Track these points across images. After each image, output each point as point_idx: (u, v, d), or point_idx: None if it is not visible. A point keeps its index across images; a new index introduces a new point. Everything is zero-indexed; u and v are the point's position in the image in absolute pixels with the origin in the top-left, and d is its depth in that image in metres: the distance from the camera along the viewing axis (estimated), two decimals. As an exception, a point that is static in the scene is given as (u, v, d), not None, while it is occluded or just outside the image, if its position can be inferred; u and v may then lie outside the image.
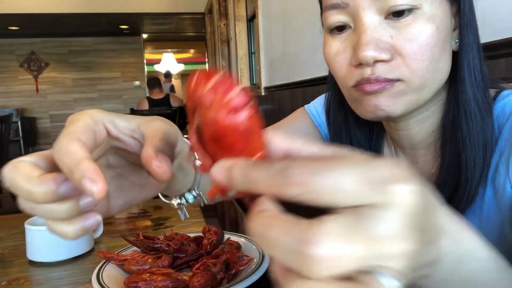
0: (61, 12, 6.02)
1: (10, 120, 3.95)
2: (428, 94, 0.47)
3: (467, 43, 0.47)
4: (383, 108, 0.46)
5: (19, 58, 7.83)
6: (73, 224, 0.28)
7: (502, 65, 0.83)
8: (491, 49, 0.83)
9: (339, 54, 0.48)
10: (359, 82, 0.46)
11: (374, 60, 0.44)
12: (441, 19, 0.45)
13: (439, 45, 0.45)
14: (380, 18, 0.44)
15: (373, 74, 0.45)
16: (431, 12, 0.44)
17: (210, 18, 6.19)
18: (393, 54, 0.44)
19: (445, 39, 0.45)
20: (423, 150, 0.55)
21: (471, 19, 0.47)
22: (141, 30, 8.09)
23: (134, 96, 8.27)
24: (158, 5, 6.30)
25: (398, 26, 0.44)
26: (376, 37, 0.44)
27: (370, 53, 0.44)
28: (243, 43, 4.26)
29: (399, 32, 0.44)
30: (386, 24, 0.44)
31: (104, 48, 8.20)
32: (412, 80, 0.45)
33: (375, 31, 0.44)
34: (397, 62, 0.44)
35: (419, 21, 0.43)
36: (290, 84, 2.37)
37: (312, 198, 0.19)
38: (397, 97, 0.46)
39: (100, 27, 7.34)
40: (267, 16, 2.88)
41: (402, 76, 0.45)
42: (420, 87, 0.46)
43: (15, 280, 0.67)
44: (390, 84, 0.45)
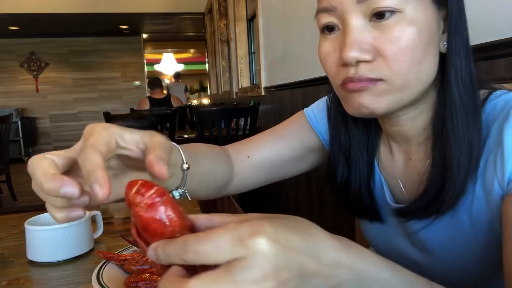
0: (61, 12, 6.03)
1: (10, 120, 3.95)
2: (412, 94, 0.49)
3: (454, 46, 0.49)
4: (366, 106, 0.49)
5: (19, 58, 7.83)
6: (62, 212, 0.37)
7: (502, 65, 0.83)
8: (491, 49, 0.83)
9: (329, 54, 0.51)
10: (345, 81, 0.49)
11: (357, 60, 0.47)
12: (423, 23, 0.47)
13: (420, 48, 0.47)
14: (365, 21, 0.47)
15: (356, 74, 0.48)
16: (413, 15, 0.46)
17: (210, 18, 6.19)
18: (375, 55, 0.47)
19: (428, 41, 0.47)
20: (416, 147, 0.57)
21: (459, 23, 0.49)
22: (141, 30, 8.10)
23: (134, 96, 8.28)
24: (158, 5, 6.30)
25: (381, 28, 0.46)
26: (360, 38, 0.47)
27: (353, 54, 0.46)
28: (243, 43, 4.26)
29: (382, 34, 0.46)
30: (370, 27, 0.47)
31: (104, 48, 8.20)
32: (393, 80, 0.47)
33: (359, 33, 0.47)
34: (379, 62, 0.47)
35: (400, 24, 0.46)
36: (290, 84, 2.37)
37: (203, 260, 0.27)
38: (379, 95, 0.48)
39: (100, 27, 7.35)
40: (267, 16, 2.88)
41: (384, 76, 0.47)
42: (402, 87, 0.48)
43: (15, 280, 0.67)
44: (372, 83, 0.48)
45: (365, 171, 0.61)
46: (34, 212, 0.86)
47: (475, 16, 0.93)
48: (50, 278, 0.69)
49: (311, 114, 0.71)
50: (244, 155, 0.69)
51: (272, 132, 0.72)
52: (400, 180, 0.60)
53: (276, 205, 2.94)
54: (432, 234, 0.55)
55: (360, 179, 0.61)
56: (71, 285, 0.65)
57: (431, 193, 0.51)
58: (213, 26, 5.84)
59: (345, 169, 0.62)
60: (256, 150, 0.70)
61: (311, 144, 0.71)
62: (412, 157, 0.58)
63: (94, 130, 0.38)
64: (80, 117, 8.20)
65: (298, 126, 0.72)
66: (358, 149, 0.61)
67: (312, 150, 0.71)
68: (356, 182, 0.61)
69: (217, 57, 5.91)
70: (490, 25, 0.85)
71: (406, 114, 0.54)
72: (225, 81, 5.44)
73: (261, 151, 0.69)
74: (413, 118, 0.54)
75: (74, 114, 8.21)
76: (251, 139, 0.72)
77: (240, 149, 0.70)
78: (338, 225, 1.81)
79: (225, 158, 0.67)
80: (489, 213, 0.49)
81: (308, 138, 0.70)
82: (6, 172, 4.02)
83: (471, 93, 0.49)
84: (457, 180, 0.49)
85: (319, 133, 0.70)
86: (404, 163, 0.59)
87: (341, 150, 0.62)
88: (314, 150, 0.71)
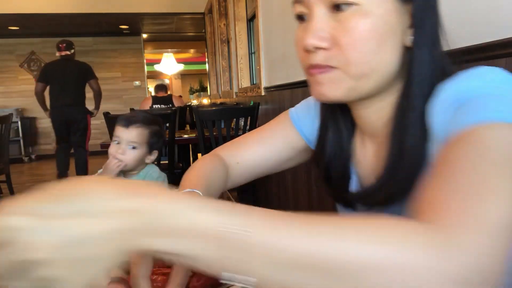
0: (61, 12, 6.03)
1: (10, 120, 3.95)
2: (369, 84, 0.52)
3: (417, 41, 0.51)
4: (323, 93, 0.53)
5: (19, 58, 7.83)
6: None
7: (502, 65, 0.83)
8: (491, 49, 0.83)
9: (299, 40, 0.54)
10: (308, 67, 0.53)
11: (314, 47, 0.51)
12: (380, 16, 0.49)
13: (375, 39, 0.49)
14: (327, 12, 0.51)
15: (315, 61, 0.51)
16: (369, 8, 0.48)
17: (210, 18, 6.20)
18: (332, 44, 0.50)
19: (385, 34, 0.49)
20: (383, 138, 0.58)
21: (425, 19, 0.51)
22: (141, 30, 8.10)
23: (134, 96, 8.28)
24: (158, 5, 6.30)
25: (339, 19, 0.50)
26: (320, 27, 0.50)
27: (311, 41, 0.50)
28: (243, 43, 4.26)
29: (339, 25, 0.50)
30: (330, 17, 0.50)
31: (104, 48, 8.20)
32: (348, 68, 0.50)
33: (320, 22, 0.50)
34: (335, 51, 0.50)
35: (356, 16, 0.49)
36: (290, 84, 2.37)
37: None
38: (335, 83, 0.52)
39: (100, 27, 7.35)
40: (267, 16, 2.88)
41: (339, 64, 0.50)
42: (358, 76, 0.51)
43: (15, 280, 0.67)
44: (328, 71, 0.51)
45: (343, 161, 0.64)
46: (34, 212, 0.86)
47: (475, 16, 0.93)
48: (50, 278, 0.69)
49: (295, 114, 0.75)
50: (235, 161, 0.74)
51: (258, 135, 0.76)
52: (366, 170, 0.62)
53: (276, 199, 2.94)
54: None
55: (341, 164, 0.64)
56: (71, 285, 0.65)
57: (382, 180, 0.54)
58: (213, 26, 5.85)
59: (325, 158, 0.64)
60: (244, 156, 0.74)
61: (295, 145, 0.74)
62: (380, 150, 0.60)
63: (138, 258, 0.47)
64: (80, 117, 8.20)
65: (282, 128, 0.75)
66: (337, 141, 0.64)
67: (297, 150, 0.74)
68: (337, 167, 0.64)
69: (217, 57, 5.92)
70: (490, 25, 0.85)
71: (371, 107, 0.57)
72: (225, 81, 5.44)
73: (248, 156, 0.74)
74: (379, 110, 0.57)
75: (74, 114, 8.20)
76: (240, 142, 0.77)
77: (231, 155, 0.75)
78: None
79: (224, 172, 0.72)
80: None
81: (292, 139, 0.74)
82: (6, 172, 4.02)
83: (432, 88, 0.51)
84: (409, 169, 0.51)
85: (302, 133, 0.73)
86: (372, 154, 0.61)
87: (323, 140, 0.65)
88: (299, 150, 0.74)
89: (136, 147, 1.38)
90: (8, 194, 4.12)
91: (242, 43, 4.27)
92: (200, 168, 0.70)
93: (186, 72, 11.53)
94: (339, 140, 0.64)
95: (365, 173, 0.63)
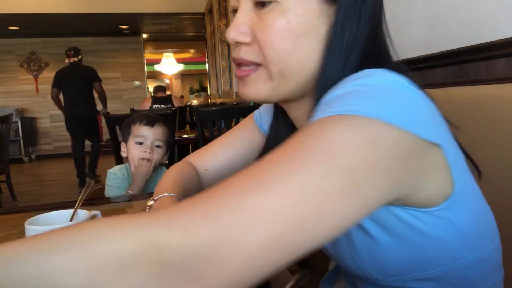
0: (61, 12, 6.03)
1: (10, 120, 3.95)
2: (290, 85, 0.51)
3: (331, 46, 0.48)
4: (246, 93, 0.53)
5: (19, 58, 7.83)
6: None
7: (502, 65, 0.83)
8: (491, 49, 0.83)
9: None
10: (233, 61, 0.54)
11: (235, 41, 0.51)
12: (298, 15, 0.47)
13: (290, 38, 0.48)
14: (251, 6, 0.50)
15: (237, 55, 0.52)
16: (288, 6, 0.47)
17: (210, 18, 6.20)
18: (253, 39, 0.50)
19: (302, 33, 0.48)
20: None
21: (344, 24, 0.48)
22: (141, 30, 8.10)
23: (134, 96, 8.28)
24: (158, 5, 6.30)
25: (260, 15, 0.49)
26: (242, 21, 0.50)
27: (231, 35, 0.50)
28: (243, 43, 4.26)
29: (259, 20, 0.49)
30: (254, 12, 0.50)
31: (104, 48, 8.20)
32: (268, 66, 0.50)
33: (243, 16, 0.50)
34: (255, 46, 0.50)
35: (273, 13, 0.48)
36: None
37: None
38: (258, 83, 0.51)
39: (100, 27, 7.35)
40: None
41: (259, 61, 0.50)
42: (278, 75, 0.50)
43: (15, 280, 0.67)
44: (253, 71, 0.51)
45: None
46: (34, 212, 0.86)
47: (475, 16, 0.93)
48: (50, 278, 0.69)
49: (258, 115, 0.75)
50: (203, 168, 0.75)
51: (224, 140, 0.76)
52: None
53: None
54: None
55: None
56: (71, 285, 0.65)
57: None
58: (213, 26, 5.84)
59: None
60: (211, 161, 0.75)
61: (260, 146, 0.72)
62: None
63: None
64: (80, 117, 8.20)
65: (247, 130, 0.76)
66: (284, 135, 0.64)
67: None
68: None
69: (217, 57, 5.92)
70: (490, 25, 0.85)
71: (301, 110, 0.56)
72: (225, 81, 5.44)
73: (215, 162, 0.75)
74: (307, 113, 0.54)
75: (74, 114, 8.21)
76: (207, 149, 0.78)
77: (199, 162, 0.76)
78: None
79: (196, 178, 0.73)
80: None
81: (257, 140, 0.74)
82: (6, 172, 4.02)
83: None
84: None
85: (264, 132, 0.73)
86: None
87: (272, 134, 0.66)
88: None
89: (161, 145, 1.38)
90: (8, 194, 4.13)
91: (242, 43, 4.26)
92: (172, 174, 0.70)
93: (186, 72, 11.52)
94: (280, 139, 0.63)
95: None
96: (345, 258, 0.54)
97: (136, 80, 8.42)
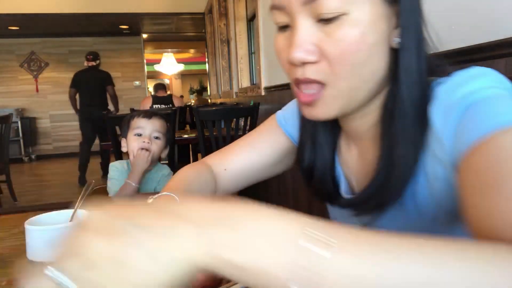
0: (61, 12, 6.02)
1: (10, 120, 3.95)
2: (360, 95, 0.50)
3: (404, 44, 0.49)
4: (315, 116, 0.51)
5: (19, 58, 7.83)
6: None
7: (502, 65, 0.83)
8: (491, 49, 0.83)
9: (282, 51, 0.51)
10: (295, 82, 0.51)
11: (302, 62, 0.47)
12: (369, 24, 0.46)
13: (364, 50, 0.46)
14: (313, 22, 0.47)
15: (303, 75, 0.48)
16: (359, 17, 0.45)
17: (210, 18, 6.19)
18: (320, 56, 0.47)
19: (374, 42, 0.47)
20: (368, 141, 0.58)
21: (411, 20, 0.49)
22: (141, 30, 8.09)
23: (134, 96, 8.27)
24: (158, 5, 6.29)
25: (326, 30, 0.46)
26: (306, 39, 0.47)
27: (298, 55, 0.47)
28: (243, 43, 4.26)
29: (326, 36, 0.46)
30: (317, 28, 0.47)
31: (104, 48, 8.19)
32: (337, 83, 0.48)
33: (305, 34, 0.47)
34: (323, 64, 0.47)
35: (344, 27, 0.45)
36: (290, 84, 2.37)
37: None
38: (328, 104, 0.49)
39: (100, 27, 7.34)
40: (267, 16, 2.88)
41: (328, 79, 0.48)
42: (348, 91, 0.48)
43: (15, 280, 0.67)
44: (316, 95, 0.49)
45: (329, 157, 0.63)
46: (34, 212, 0.86)
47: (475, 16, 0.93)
48: (50, 278, 0.69)
49: (281, 116, 0.74)
50: (222, 168, 0.73)
51: (245, 141, 0.75)
52: (353, 174, 0.62)
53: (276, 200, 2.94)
54: (383, 225, 0.56)
55: (324, 164, 0.63)
56: (71, 285, 0.65)
57: (374, 187, 0.53)
58: (213, 26, 5.84)
59: (311, 154, 0.63)
60: (231, 162, 0.73)
61: (283, 147, 0.73)
62: (365, 152, 0.59)
63: None
64: (80, 117, 8.20)
65: (269, 132, 0.74)
66: (323, 135, 0.63)
67: (285, 152, 0.73)
68: (320, 167, 0.63)
69: (217, 57, 5.91)
70: (490, 25, 0.85)
71: (355, 114, 0.55)
72: (225, 81, 5.44)
73: (235, 162, 0.73)
74: (364, 115, 0.55)
75: (74, 114, 8.15)
76: (228, 149, 0.76)
77: (218, 162, 0.74)
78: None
79: (210, 179, 0.71)
80: (433, 200, 0.50)
81: (279, 142, 0.73)
82: (6, 172, 4.01)
83: (420, 91, 0.49)
84: (401, 176, 0.50)
85: (289, 135, 0.72)
86: (358, 158, 0.61)
87: (308, 135, 0.64)
88: (288, 152, 0.73)
89: (159, 137, 1.40)
90: (8, 194, 4.12)
91: (242, 43, 4.27)
92: (180, 174, 0.70)
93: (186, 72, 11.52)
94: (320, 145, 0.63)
95: (352, 174, 0.62)
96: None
97: (136, 80, 8.41)
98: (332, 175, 0.63)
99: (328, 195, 0.64)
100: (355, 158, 0.61)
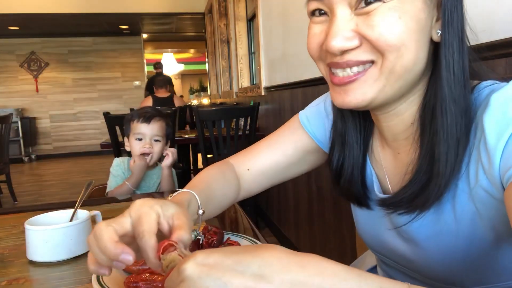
0: (61, 12, 6.03)
1: (10, 120, 3.95)
2: (398, 84, 0.49)
3: (447, 38, 0.48)
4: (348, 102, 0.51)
5: (19, 58, 7.83)
6: (95, 266, 0.44)
7: (502, 65, 0.83)
8: (491, 49, 0.83)
9: (315, 36, 0.52)
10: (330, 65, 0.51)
11: (341, 51, 0.48)
12: (408, 10, 0.46)
13: (405, 32, 0.46)
14: (351, 11, 0.48)
15: (342, 59, 0.49)
16: (396, 5, 0.46)
17: (210, 18, 6.19)
18: (361, 40, 0.48)
19: (413, 29, 0.46)
20: (404, 141, 0.57)
21: (454, 14, 0.48)
22: (141, 30, 8.10)
23: (134, 96, 8.28)
24: (158, 5, 6.30)
25: (363, 14, 0.47)
26: (343, 28, 0.47)
27: (338, 44, 0.47)
28: (243, 43, 4.26)
29: (363, 20, 0.47)
30: (354, 15, 0.48)
31: (104, 48, 8.20)
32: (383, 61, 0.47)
33: (344, 22, 0.48)
34: (366, 46, 0.48)
35: (381, 12, 0.46)
36: (290, 84, 2.37)
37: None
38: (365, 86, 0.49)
39: (100, 27, 7.35)
40: (267, 16, 2.88)
41: (374, 57, 0.48)
42: (388, 72, 0.48)
43: (15, 280, 0.67)
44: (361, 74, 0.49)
45: (359, 157, 0.62)
46: (34, 212, 0.86)
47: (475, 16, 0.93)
48: (50, 278, 0.69)
49: (304, 117, 0.74)
50: (245, 168, 0.74)
51: (268, 141, 0.75)
52: (386, 173, 0.61)
53: (276, 204, 2.94)
54: (417, 227, 0.55)
55: (353, 164, 0.62)
56: (71, 285, 0.65)
57: (415, 186, 0.52)
58: (213, 26, 5.84)
59: (341, 153, 0.63)
60: (254, 161, 0.74)
61: (306, 147, 0.73)
62: (401, 151, 0.58)
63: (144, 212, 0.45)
64: (80, 117, 8.20)
65: (291, 132, 0.74)
66: (353, 134, 0.62)
67: (308, 153, 0.73)
68: (349, 167, 0.62)
69: (217, 57, 5.91)
70: (490, 25, 0.85)
71: (394, 109, 0.54)
72: (225, 81, 5.44)
73: (258, 162, 0.73)
74: (401, 112, 0.54)
75: (74, 114, 8.20)
76: (250, 149, 0.76)
77: (241, 162, 0.75)
78: (339, 221, 1.81)
79: (233, 179, 0.72)
80: (472, 206, 0.49)
81: (302, 142, 0.73)
82: (6, 172, 4.02)
83: (462, 87, 0.48)
84: (443, 176, 0.48)
85: (312, 135, 0.72)
86: (393, 157, 0.60)
87: (338, 135, 0.63)
88: (311, 152, 0.73)
89: (159, 139, 1.47)
90: (8, 194, 4.13)
91: (242, 43, 4.27)
92: (204, 173, 0.70)
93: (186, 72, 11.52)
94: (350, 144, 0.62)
95: (386, 175, 0.61)
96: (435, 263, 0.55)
97: (136, 80, 8.42)
98: (363, 175, 0.63)
99: (357, 196, 0.63)
100: (389, 158, 0.61)
